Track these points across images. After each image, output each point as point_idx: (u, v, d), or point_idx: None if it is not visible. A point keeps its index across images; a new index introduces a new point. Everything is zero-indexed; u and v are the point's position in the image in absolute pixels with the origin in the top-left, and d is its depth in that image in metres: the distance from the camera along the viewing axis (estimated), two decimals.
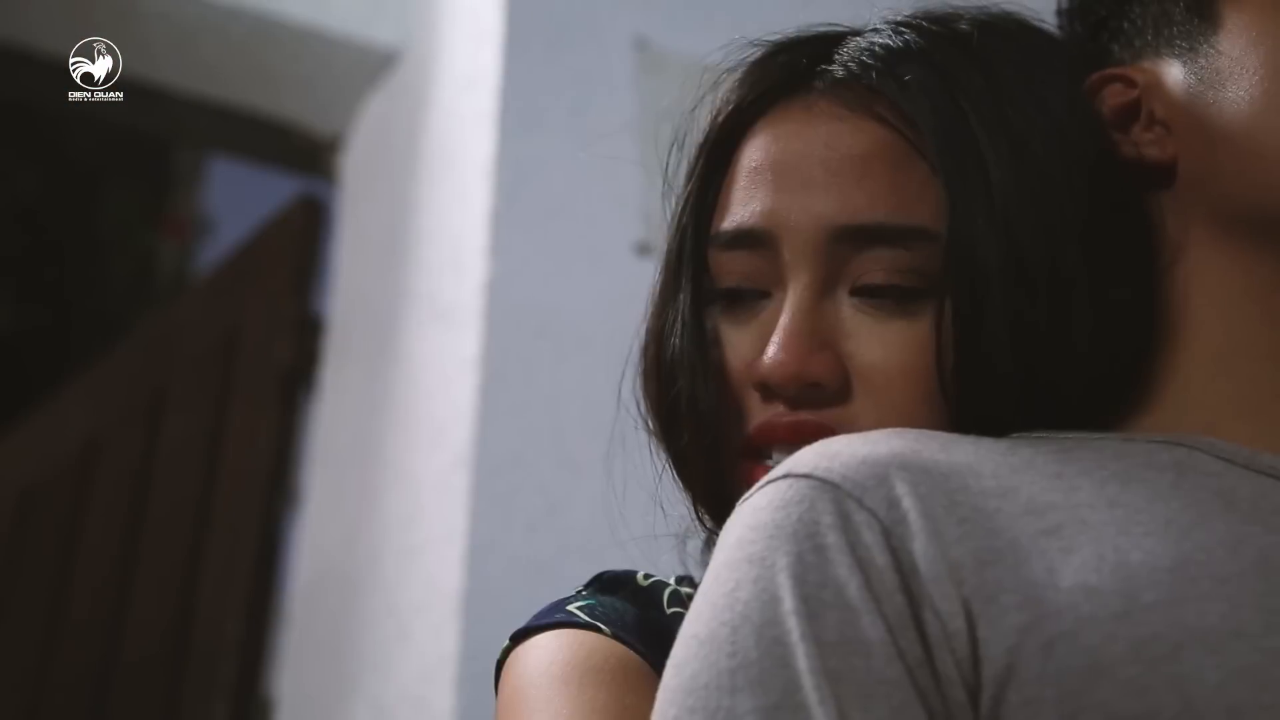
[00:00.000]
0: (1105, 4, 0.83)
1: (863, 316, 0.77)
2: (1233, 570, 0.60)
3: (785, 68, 0.82)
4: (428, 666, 1.54)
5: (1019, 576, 0.60)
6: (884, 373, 0.76)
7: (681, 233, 0.82)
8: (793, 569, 0.61)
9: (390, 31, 2.11)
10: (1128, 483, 0.66)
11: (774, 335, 0.77)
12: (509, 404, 1.62)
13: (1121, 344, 0.76)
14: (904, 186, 0.77)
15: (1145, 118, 0.78)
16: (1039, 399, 0.75)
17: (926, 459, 0.65)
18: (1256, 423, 0.72)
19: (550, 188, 1.74)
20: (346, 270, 2.17)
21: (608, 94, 1.83)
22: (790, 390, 0.76)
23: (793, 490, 0.64)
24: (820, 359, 0.76)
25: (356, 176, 2.21)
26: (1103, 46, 0.83)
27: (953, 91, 0.77)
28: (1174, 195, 0.77)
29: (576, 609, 0.77)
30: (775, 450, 0.77)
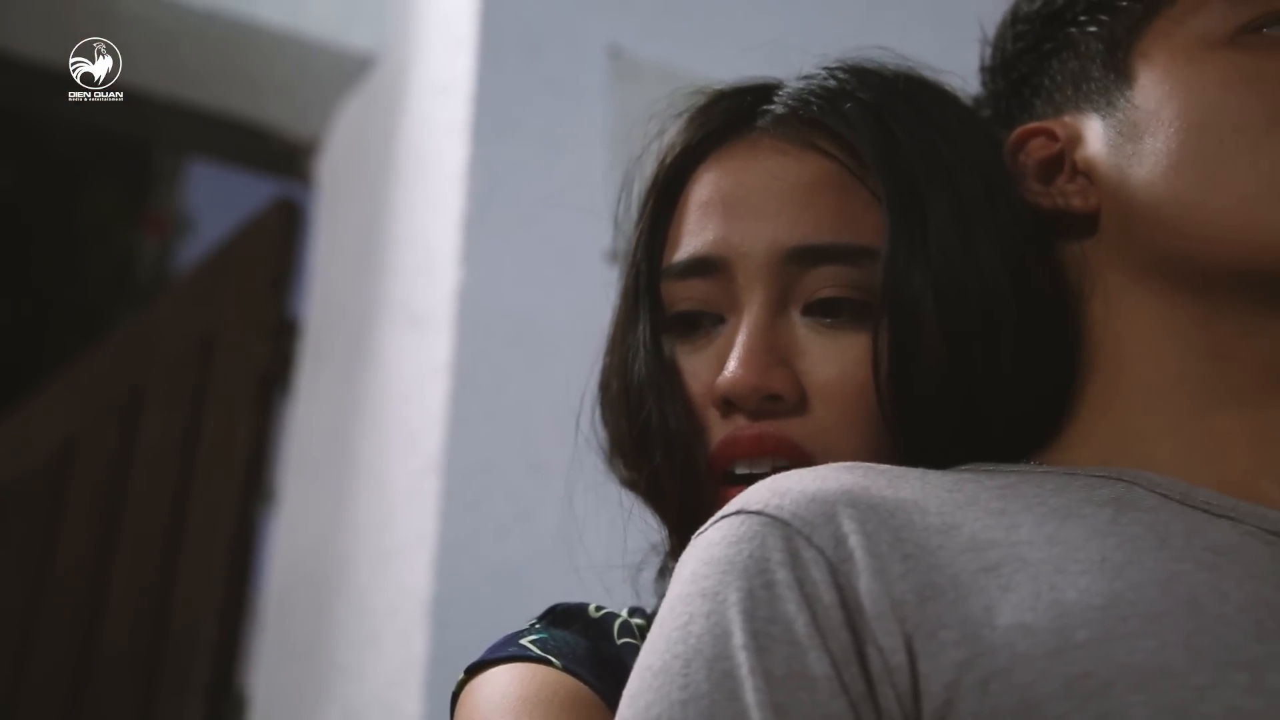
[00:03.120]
0: (1026, 60, 0.87)
1: (815, 334, 0.81)
2: (1163, 609, 0.62)
3: (728, 110, 0.87)
4: (397, 670, 1.56)
5: (958, 613, 0.63)
6: (838, 386, 0.80)
7: (636, 269, 0.87)
8: (743, 604, 0.64)
9: (366, 36, 2.13)
10: (1067, 519, 0.68)
11: (733, 353, 0.80)
12: (480, 410, 1.63)
13: (1048, 372, 0.80)
14: (847, 210, 0.81)
15: (1069, 170, 0.82)
16: (972, 421, 0.79)
17: (874, 495, 0.68)
18: (1189, 453, 0.75)
19: (522, 195, 1.76)
20: (323, 274, 2.18)
21: (581, 102, 1.85)
22: (751, 403, 0.79)
23: (745, 527, 0.67)
24: (778, 373, 0.80)
25: (333, 180, 2.23)
26: (1025, 101, 0.87)
27: (888, 123, 0.82)
28: (1101, 242, 0.81)
29: (529, 643, 0.80)
30: (739, 464, 0.80)
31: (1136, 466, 0.74)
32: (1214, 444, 0.75)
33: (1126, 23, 0.82)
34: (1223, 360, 0.76)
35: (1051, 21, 0.86)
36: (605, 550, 0.93)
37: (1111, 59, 0.82)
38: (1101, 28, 0.83)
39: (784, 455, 0.79)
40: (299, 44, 2.11)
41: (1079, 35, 0.84)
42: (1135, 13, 0.82)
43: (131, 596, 2.22)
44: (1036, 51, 0.87)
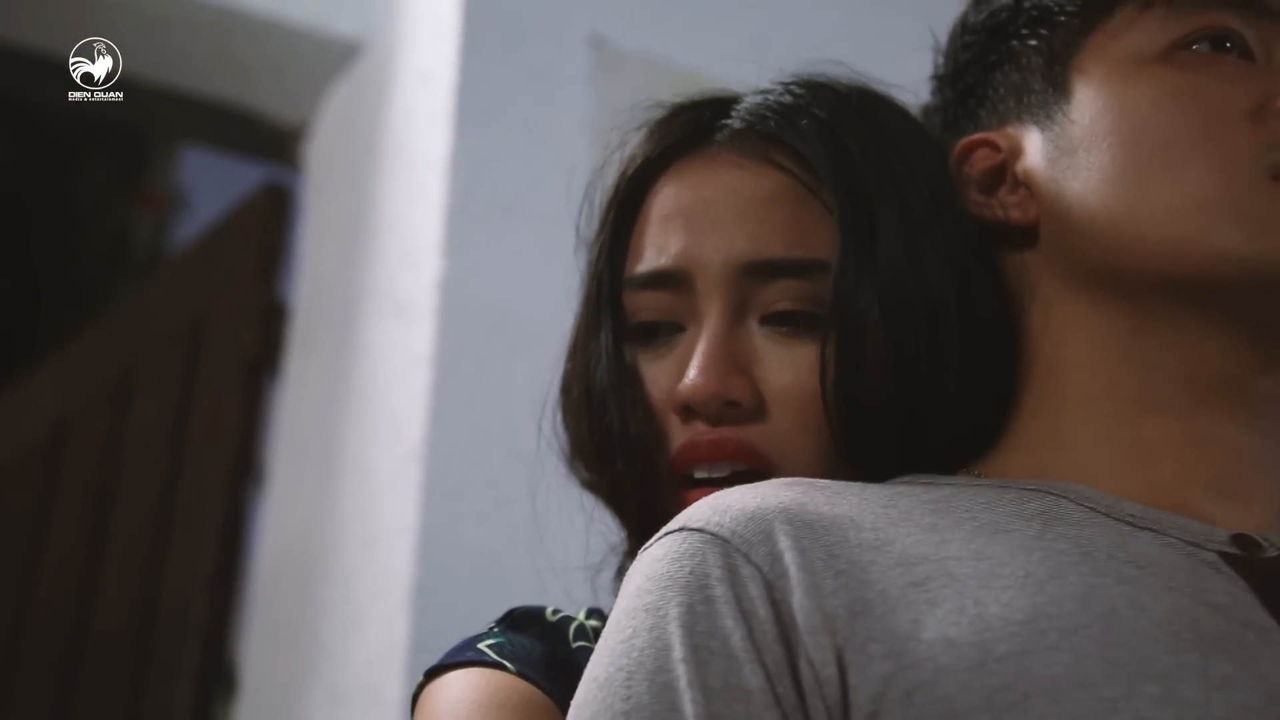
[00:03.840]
0: (973, 71, 0.89)
1: (772, 344, 0.84)
2: (1081, 623, 0.65)
3: (687, 124, 0.90)
4: (380, 655, 1.59)
5: (886, 628, 0.65)
6: (794, 393, 0.83)
7: (598, 278, 0.90)
8: (683, 619, 0.67)
9: (352, 24, 2.14)
10: (995, 534, 0.71)
11: (693, 361, 0.84)
12: (461, 399, 1.66)
13: (990, 382, 0.83)
14: (802, 224, 0.84)
15: (1010, 181, 0.84)
16: (915, 431, 0.81)
17: (811, 513, 0.71)
18: (1120, 462, 0.78)
19: (504, 185, 1.78)
20: (311, 259, 2.20)
21: (563, 92, 1.86)
22: (711, 410, 0.82)
23: (687, 544, 0.70)
24: (737, 381, 0.83)
25: (321, 165, 2.24)
26: (971, 111, 0.89)
27: (842, 138, 0.85)
28: (1039, 253, 0.83)
29: (486, 647, 0.83)
30: (699, 468, 0.84)
31: (1069, 474, 0.77)
32: (1143, 453, 0.78)
33: (1065, 37, 0.84)
34: (1153, 370, 0.78)
35: (996, 34, 0.88)
36: (567, 550, 0.96)
37: (1050, 73, 0.84)
38: (1042, 42, 0.85)
39: (742, 460, 0.82)
40: (286, 31, 2.13)
41: (1021, 48, 0.86)
42: (1073, 28, 0.84)
43: (123, 577, 2.25)
44: (982, 63, 0.89)
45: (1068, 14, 0.85)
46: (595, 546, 0.93)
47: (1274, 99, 0.78)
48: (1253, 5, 0.81)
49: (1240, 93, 0.78)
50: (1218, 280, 0.76)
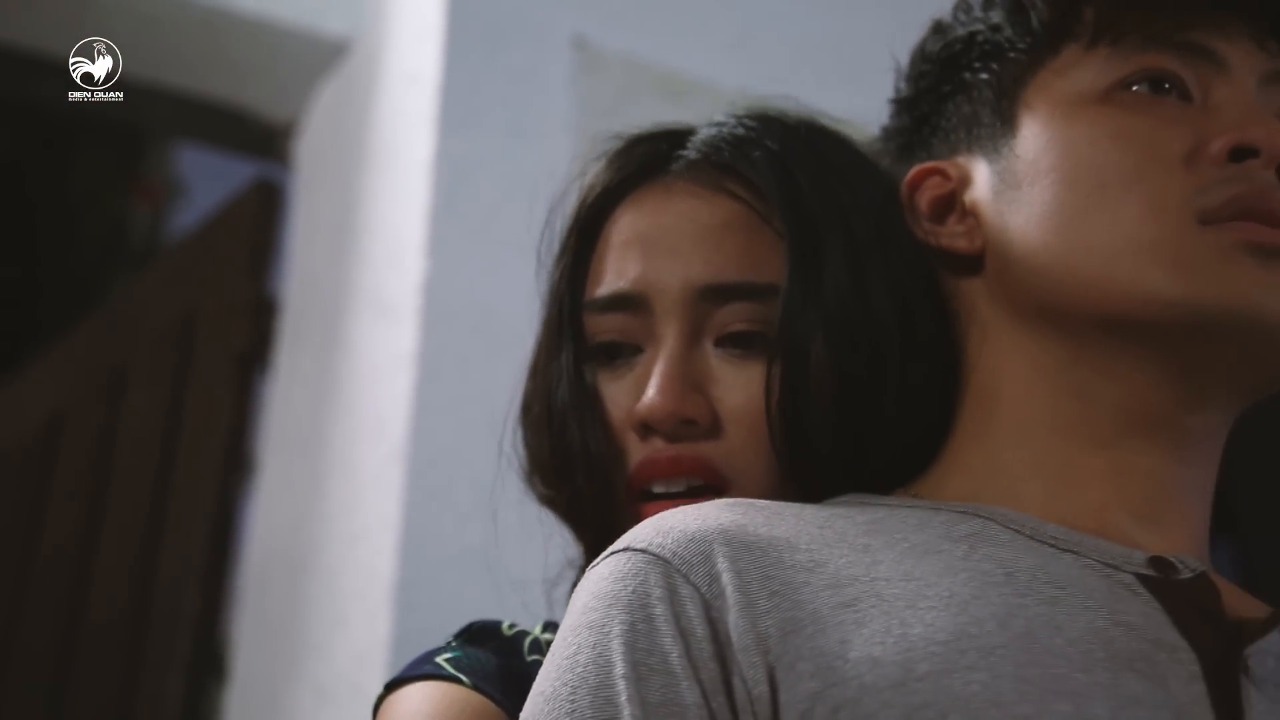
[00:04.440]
0: (928, 100, 0.91)
1: (726, 364, 0.87)
2: (1000, 642, 0.68)
3: (645, 155, 0.94)
4: (364, 651, 1.61)
5: (815, 646, 0.68)
6: (747, 411, 0.86)
7: (559, 301, 0.93)
8: (625, 636, 0.70)
9: (341, 22, 2.16)
10: (925, 555, 0.74)
11: (651, 380, 0.87)
12: (444, 399, 1.68)
13: (930, 406, 0.86)
14: (755, 249, 0.88)
15: (959, 210, 0.86)
16: (856, 452, 0.85)
17: (749, 534, 0.74)
18: (1050, 487, 0.81)
19: (488, 187, 1.80)
20: (300, 255, 2.22)
21: (546, 92, 1.88)
22: (668, 427, 0.86)
23: (630, 564, 0.73)
24: (693, 400, 0.86)
25: (310, 162, 2.26)
26: (925, 139, 0.92)
27: (792, 169, 0.89)
28: (983, 282, 0.86)
29: (443, 661, 0.87)
30: (656, 483, 0.87)
31: (1002, 497, 0.80)
32: (1073, 479, 0.81)
33: (1014, 72, 0.87)
34: (1086, 400, 0.81)
35: (950, 65, 0.91)
36: (525, 564, 0.99)
37: (999, 106, 0.86)
38: (992, 76, 0.88)
39: (698, 475, 0.86)
40: (275, 29, 2.15)
41: (973, 81, 0.89)
42: (1021, 64, 0.86)
43: (117, 568, 2.28)
44: (936, 92, 0.92)
45: (1017, 50, 0.87)
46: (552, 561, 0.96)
47: (1207, 143, 0.80)
48: (1191, 48, 0.83)
49: (1176, 135, 0.81)
50: (1147, 320, 0.78)
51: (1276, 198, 0.79)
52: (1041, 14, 0.86)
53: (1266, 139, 0.79)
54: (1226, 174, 0.79)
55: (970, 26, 0.90)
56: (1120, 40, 0.84)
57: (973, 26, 0.90)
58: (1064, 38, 0.85)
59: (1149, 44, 0.83)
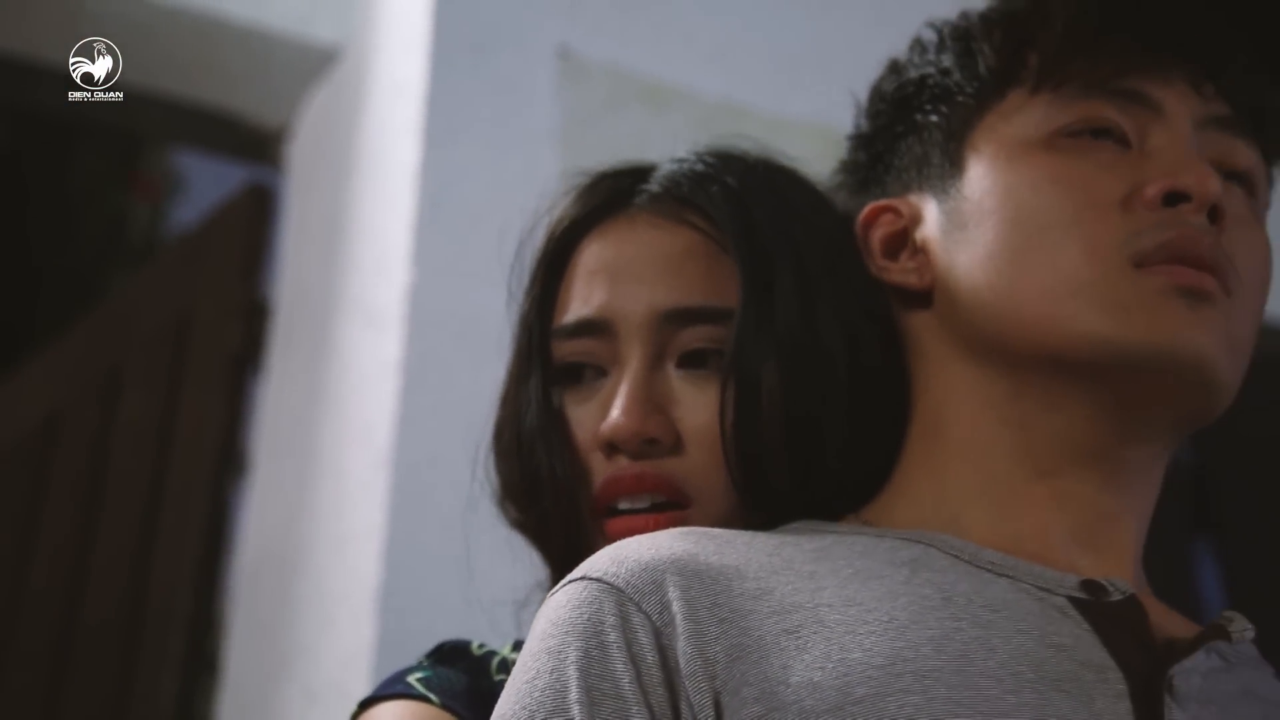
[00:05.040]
0: (883, 139, 0.95)
1: (688, 385, 0.91)
2: (935, 666, 0.71)
3: (609, 190, 0.98)
4: (349, 654, 1.64)
5: (760, 672, 0.72)
6: (708, 430, 0.90)
7: (529, 329, 0.97)
8: (580, 662, 0.74)
9: (330, 30, 2.19)
10: (867, 580, 0.78)
11: (616, 402, 0.91)
12: (429, 406, 1.71)
13: (879, 434, 0.90)
14: (714, 276, 0.92)
15: (910, 247, 0.90)
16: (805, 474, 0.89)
17: (700, 563, 0.77)
18: (993, 514, 0.84)
19: (473, 196, 1.83)
20: (291, 259, 2.26)
21: (530, 102, 1.91)
22: (632, 446, 0.90)
23: (586, 592, 0.77)
24: (656, 419, 0.90)
25: (301, 167, 2.29)
26: (879, 176, 0.95)
27: (748, 204, 0.93)
28: (932, 317, 0.89)
29: (415, 680, 0.91)
30: (622, 500, 0.91)
31: (947, 525, 0.83)
32: (1015, 506, 0.84)
33: (963, 116, 0.90)
34: (1027, 431, 0.85)
35: (902, 106, 0.95)
36: (495, 585, 1.02)
37: (947, 148, 0.90)
38: (942, 118, 0.91)
39: (662, 492, 0.90)
40: (264, 37, 2.18)
41: (924, 122, 0.93)
42: (970, 108, 0.90)
43: (112, 568, 2.31)
44: (890, 132, 0.95)
45: (965, 94, 0.91)
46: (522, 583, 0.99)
47: (1143, 188, 0.84)
48: (1129, 95, 0.87)
49: (1113, 180, 0.84)
50: (1084, 358, 0.82)
51: (1206, 242, 0.82)
52: (988, 60, 0.90)
53: (1198, 185, 0.83)
54: (1160, 218, 0.83)
55: (922, 69, 0.94)
56: (1062, 87, 0.87)
57: (925, 69, 0.94)
58: (1009, 83, 0.89)
59: (1089, 91, 0.87)
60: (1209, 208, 0.83)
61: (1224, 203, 0.83)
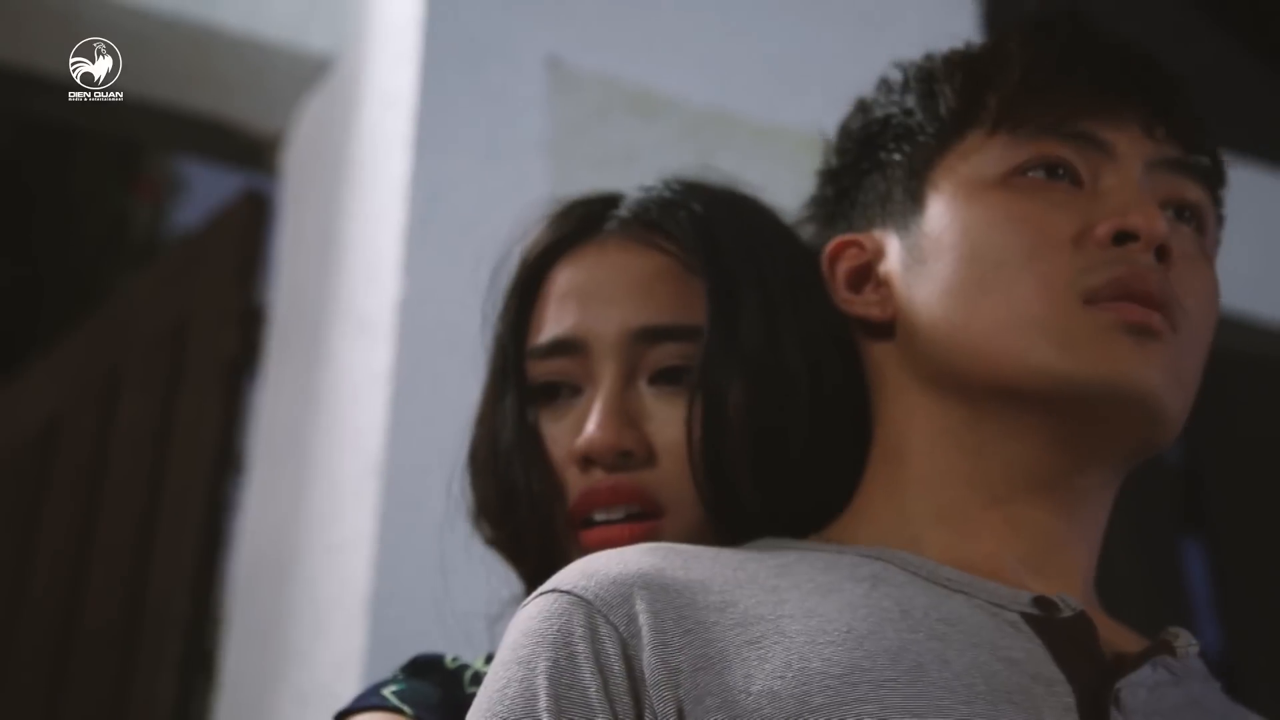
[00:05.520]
0: (848, 175, 0.99)
1: (659, 401, 0.95)
2: (890, 676, 0.75)
3: (581, 216, 1.02)
4: (340, 659, 1.67)
5: (722, 682, 0.75)
6: (680, 444, 0.94)
7: (504, 350, 1.01)
8: (549, 672, 0.77)
9: (324, 39, 2.21)
10: (828, 594, 0.81)
11: (590, 417, 0.95)
12: (419, 416, 1.74)
13: (840, 456, 0.94)
14: (683, 296, 0.96)
15: (874, 280, 0.94)
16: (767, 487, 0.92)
17: (667, 577, 0.81)
18: (949, 536, 0.88)
19: (463, 207, 1.86)
20: (287, 266, 2.28)
21: (521, 113, 1.93)
22: (607, 459, 0.94)
23: (556, 604, 0.80)
24: (630, 433, 0.94)
25: (296, 175, 2.32)
26: (845, 211, 0.99)
27: (714, 230, 0.97)
28: (894, 348, 0.93)
29: (389, 693, 0.94)
30: (597, 511, 0.95)
31: (906, 545, 0.87)
32: (970, 530, 0.88)
33: (924, 155, 0.94)
34: (982, 459, 0.88)
35: (868, 144, 0.98)
36: (469, 598, 1.06)
37: (909, 186, 0.94)
38: (904, 157, 0.95)
39: (636, 503, 0.94)
40: (259, 46, 2.20)
41: (887, 160, 0.96)
42: (930, 147, 0.94)
43: (111, 571, 2.34)
44: (856, 169, 0.99)
45: (926, 134, 0.94)
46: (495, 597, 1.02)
47: (1094, 227, 0.87)
48: (1082, 137, 0.90)
49: (1066, 219, 0.88)
50: (1035, 390, 0.86)
51: (1153, 280, 0.86)
52: (949, 101, 0.94)
53: (1145, 225, 0.86)
54: (1109, 257, 0.86)
55: (887, 109, 0.98)
56: (1018, 128, 0.91)
57: (889, 109, 0.97)
58: (968, 124, 0.92)
59: (1044, 133, 0.90)
60: (1156, 247, 0.86)
61: (1171, 242, 0.87)
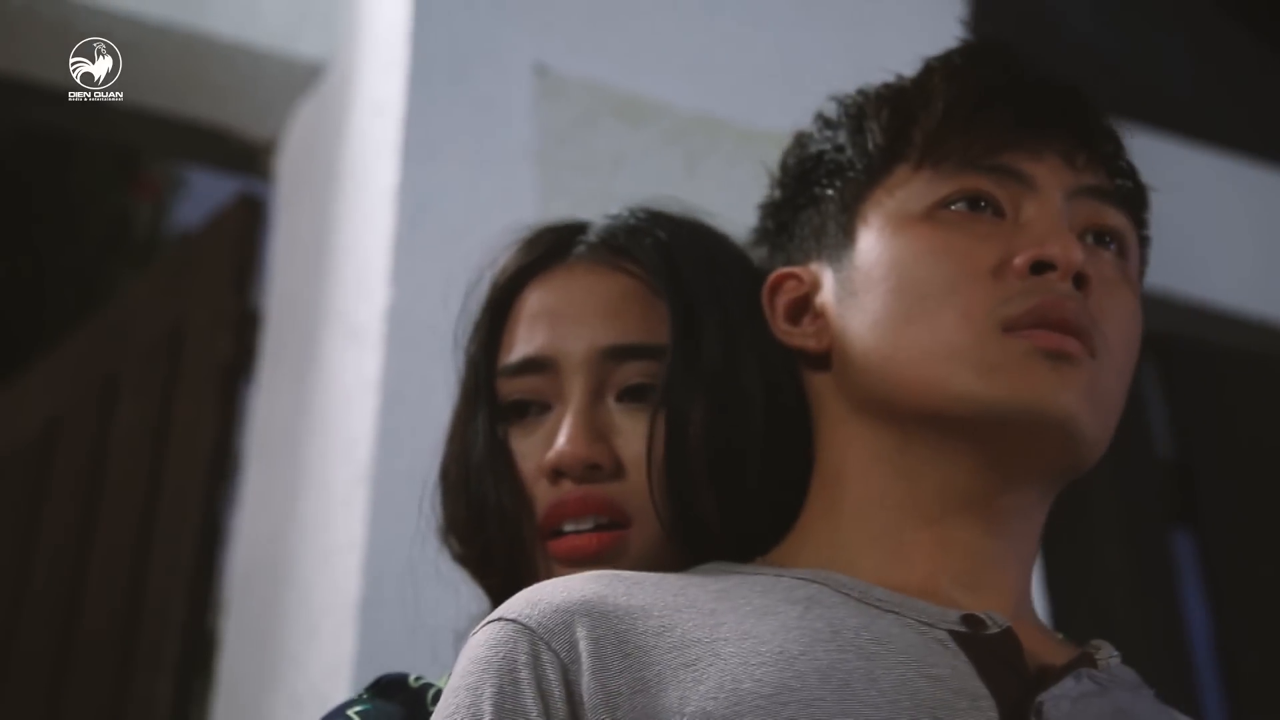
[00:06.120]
0: (786, 210, 1.03)
1: (627, 416, 1.00)
2: (819, 695, 0.78)
3: (550, 242, 1.07)
4: (332, 665, 1.70)
5: (658, 704, 0.79)
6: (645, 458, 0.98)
7: (475, 369, 1.06)
8: (494, 698, 0.81)
9: (315, 45, 2.24)
10: (764, 616, 0.84)
11: (561, 432, 0.99)
12: (408, 425, 1.76)
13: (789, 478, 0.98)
14: (649, 317, 1.01)
15: (811, 312, 0.97)
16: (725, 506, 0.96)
17: (609, 604, 0.84)
18: (884, 558, 0.91)
19: (451, 215, 1.87)
20: (281, 271, 2.30)
21: (508, 121, 1.95)
22: (577, 472, 0.98)
23: (502, 632, 0.84)
24: (598, 447, 0.98)
25: (290, 179, 2.34)
26: (784, 244, 1.02)
27: (676, 256, 1.01)
28: (831, 377, 0.97)
29: (354, 713, 0.98)
30: (567, 522, 0.99)
31: (843, 568, 0.90)
32: (903, 551, 0.91)
33: (854, 190, 0.97)
34: (914, 483, 0.92)
35: (803, 180, 1.02)
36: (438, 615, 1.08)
37: (841, 220, 0.97)
38: (836, 192, 0.99)
39: (604, 513, 0.98)
40: (250, 53, 2.23)
41: (821, 195, 1.00)
42: (860, 182, 0.97)
43: (110, 572, 2.36)
44: (793, 204, 1.03)
45: (856, 170, 0.98)
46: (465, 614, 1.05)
47: (1013, 257, 0.90)
48: (1003, 170, 0.94)
49: (987, 250, 0.91)
50: (959, 416, 0.89)
51: (1070, 307, 0.89)
52: (876, 137, 0.97)
53: (1062, 254, 0.90)
54: (1028, 286, 0.90)
55: (821, 145, 1.01)
56: (941, 163, 0.94)
57: (822, 145, 1.01)
58: (895, 159, 0.96)
59: (966, 167, 0.94)
60: (1074, 275, 0.90)
61: (1090, 269, 0.90)
